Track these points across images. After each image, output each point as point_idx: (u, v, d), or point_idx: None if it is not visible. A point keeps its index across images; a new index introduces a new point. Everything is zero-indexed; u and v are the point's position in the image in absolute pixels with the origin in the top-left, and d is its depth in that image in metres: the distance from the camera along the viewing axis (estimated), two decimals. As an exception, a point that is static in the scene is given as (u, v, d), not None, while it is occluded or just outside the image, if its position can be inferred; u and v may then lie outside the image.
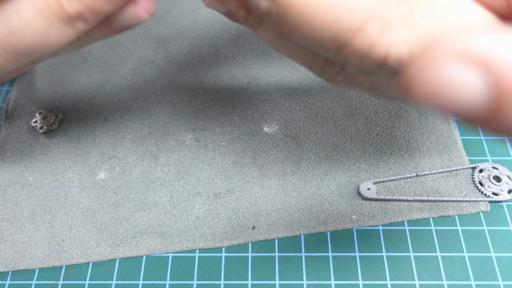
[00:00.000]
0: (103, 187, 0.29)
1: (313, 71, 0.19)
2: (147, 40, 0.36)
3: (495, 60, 0.10)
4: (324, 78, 0.19)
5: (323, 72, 0.18)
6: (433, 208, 0.27)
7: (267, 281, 0.25)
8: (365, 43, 0.14)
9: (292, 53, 0.18)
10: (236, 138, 0.30)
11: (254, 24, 0.18)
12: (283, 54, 0.19)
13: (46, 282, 0.26)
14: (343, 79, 0.18)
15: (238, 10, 0.18)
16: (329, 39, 0.14)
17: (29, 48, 0.17)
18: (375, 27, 0.14)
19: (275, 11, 0.15)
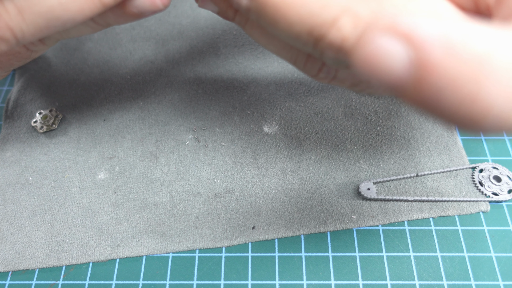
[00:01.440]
0: (103, 187, 0.29)
1: (297, 67, 0.20)
2: (147, 40, 0.36)
3: (418, 36, 0.11)
4: (308, 74, 0.20)
5: (306, 67, 0.19)
6: (433, 208, 0.27)
7: (267, 281, 0.25)
8: (338, 37, 0.14)
9: (276, 49, 0.19)
10: (236, 138, 0.30)
11: (241, 21, 0.19)
12: (269, 50, 0.20)
13: (46, 282, 0.26)
14: (326, 75, 0.19)
15: (227, 9, 0.19)
16: (305, 33, 0.15)
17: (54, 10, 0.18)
18: (347, 21, 0.14)
19: (254, 7, 0.16)
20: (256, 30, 0.19)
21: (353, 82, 0.20)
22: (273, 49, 0.20)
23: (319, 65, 0.19)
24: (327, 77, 0.20)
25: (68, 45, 0.36)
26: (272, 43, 0.19)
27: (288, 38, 0.16)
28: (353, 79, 0.20)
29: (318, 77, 0.20)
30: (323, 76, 0.20)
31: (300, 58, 0.19)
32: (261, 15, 0.16)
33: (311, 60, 0.19)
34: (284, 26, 0.15)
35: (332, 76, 0.20)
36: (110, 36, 0.37)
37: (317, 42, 0.15)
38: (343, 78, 0.20)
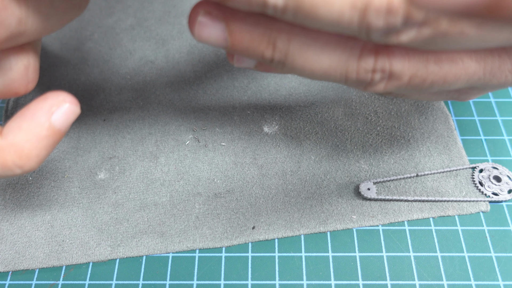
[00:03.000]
0: (103, 187, 0.29)
1: (350, 80, 0.18)
2: (147, 40, 0.36)
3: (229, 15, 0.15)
4: (363, 83, 0.18)
5: (359, 73, 0.18)
6: (433, 208, 0.27)
7: (267, 281, 0.25)
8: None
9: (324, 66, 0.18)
10: (236, 138, 0.30)
11: (281, 57, 0.18)
12: (316, 76, 0.19)
13: (46, 282, 0.26)
14: (381, 74, 0.18)
15: (263, 52, 0.18)
16: (349, 7, 0.14)
17: None
18: None
19: (290, 1, 0.15)
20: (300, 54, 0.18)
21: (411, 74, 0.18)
22: (321, 69, 0.18)
23: (371, 63, 0.18)
24: (383, 78, 0.18)
25: (68, 45, 0.36)
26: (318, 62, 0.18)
27: (332, 23, 0.15)
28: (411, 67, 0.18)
29: (374, 83, 0.18)
30: (378, 78, 0.18)
31: (351, 66, 0.18)
32: (299, 6, 0.15)
33: (362, 60, 0.18)
34: (325, 8, 0.15)
35: (387, 74, 0.18)
36: (110, 36, 0.37)
37: (363, 15, 0.15)
38: (399, 70, 0.18)
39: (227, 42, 0.17)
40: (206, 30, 0.17)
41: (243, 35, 0.17)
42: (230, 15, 0.17)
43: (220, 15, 0.17)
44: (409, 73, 0.18)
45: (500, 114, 0.32)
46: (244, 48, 0.18)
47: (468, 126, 0.31)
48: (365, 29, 0.15)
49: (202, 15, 0.17)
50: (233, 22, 0.17)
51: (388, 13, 0.14)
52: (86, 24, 0.38)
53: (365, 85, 0.19)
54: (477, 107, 0.32)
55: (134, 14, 0.38)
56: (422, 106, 0.31)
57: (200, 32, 0.17)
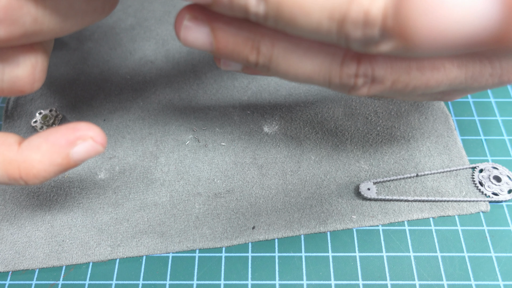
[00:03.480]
0: (103, 187, 0.29)
1: (333, 84, 0.19)
2: (147, 40, 0.36)
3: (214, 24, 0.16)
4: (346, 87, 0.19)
5: (342, 78, 0.18)
6: (433, 208, 0.27)
7: (267, 281, 0.25)
8: (360, 11, 0.14)
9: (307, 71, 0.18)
10: (236, 138, 0.30)
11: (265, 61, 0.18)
12: (300, 80, 0.19)
13: (46, 282, 0.26)
14: (364, 79, 0.18)
15: (247, 56, 0.18)
16: (326, 18, 0.15)
17: None
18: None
19: (271, 10, 0.15)
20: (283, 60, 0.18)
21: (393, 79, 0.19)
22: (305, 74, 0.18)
23: (354, 68, 0.18)
24: (366, 83, 0.18)
25: (68, 45, 0.36)
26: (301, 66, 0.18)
27: (311, 32, 0.15)
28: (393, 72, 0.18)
29: (357, 87, 0.19)
30: (361, 83, 0.18)
31: (334, 71, 0.18)
32: (279, 16, 0.15)
33: (345, 66, 0.18)
34: (303, 18, 0.15)
35: (370, 79, 0.18)
36: (110, 36, 0.37)
37: (341, 26, 0.15)
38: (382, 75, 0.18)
39: (212, 47, 0.18)
40: (191, 34, 0.18)
41: (227, 40, 0.17)
42: (215, 20, 0.17)
43: (205, 19, 0.17)
44: (392, 78, 0.18)
45: (500, 114, 0.32)
46: (229, 52, 0.18)
47: (468, 126, 0.31)
48: (344, 39, 0.15)
49: (188, 19, 0.17)
50: (218, 26, 0.17)
51: (365, 25, 0.14)
52: (86, 24, 0.37)
53: (348, 89, 0.19)
54: (477, 107, 0.32)
55: (134, 14, 0.38)
56: (422, 106, 0.31)
57: (185, 36, 0.18)
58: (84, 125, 0.20)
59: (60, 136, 0.19)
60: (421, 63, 0.18)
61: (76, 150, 0.19)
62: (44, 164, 0.19)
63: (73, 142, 0.19)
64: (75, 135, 0.19)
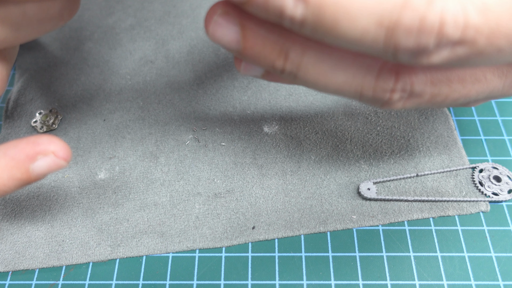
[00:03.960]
0: (103, 187, 0.29)
1: (365, 97, 0.17)
2: (147, 40, 0.36)
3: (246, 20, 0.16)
4: (379, 102, 0.17)
5: (376, 92, 0.17)
6: (433, 208, 0.27)
7: (267, 281, 0.25)
8: (414, 18, 0.13)
9: (338, 82, 0.17)
10: (236, 138, 0.30)
11: (293, 69, 0.17)
12: (329, 91, 0.18)
13: (46, 282, 0.26)
14: (401, 94, 0.17)
15: (274, 61, 0.17)
16: (375, 25, 0.13)
17: None
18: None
19: (311, 14, 0.14)
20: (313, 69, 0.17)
21: (433, 92, 0.17)
22: (335, 85, 0.17)
23: (391, 83, 0.17)
24: (402, 97, 0.17)
25: (68, 45, 0.36)
26: (332, 77, 0.17)
27: (352, 42, 0.14)
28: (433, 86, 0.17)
29: (392, 101, 0.17)
30: (397, 98, 0.17)
31: (368, 84, 0.17)
32: (319, 21, 0.14)
33: (381, 79, 0.17)
34: (348, 24, 0.13)
35: (408, 93, 0.17)
36: (110, 36, 0.37)
37: (390, 34, 0.13)
38: (421, 89, 0.17)
39: (239, 46, 0.17)
40: (220, 30, 0.17)
41: (256, 41, 0.16)
42: (246, 19, 0.16)
43: (236, 17, 0.16)
44: (431, 92, 0.17)
45: (500, 114, 0.32)
46: (255, 54, 0.17)
47: (468, 126, 0.31)
48: (392, 50, 0.14)
49: (219, 14, 0.17)
50: (248, 26, 0.16)
51: (420, 32, 0.13)
52: (86, 24, 0.38)
53: (381, 103, 0.18)
54: (477, 107, 0.32)
55: (134, 14, 0.38)
56: (422, 106, 0.31)
57: (214, 31, 0.17)
58: (45, 139, 0.19)
59: (19, 150, 0.19)
60: (462, 75, 0.17)
61: (36, 165, 0.19)
62: (3, 179, 0.18)
63: (33, 157, 0.19)
64: (35, 150, 0.19)
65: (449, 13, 0.13)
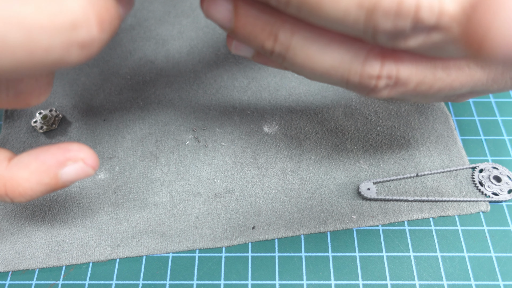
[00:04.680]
0: (103, 187, 0.29)
1: (351, 83, 0.18)
2: (147, 40, 0.36)
3: None
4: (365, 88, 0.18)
5: (363, 78, 0.17)
6: (433, 208, 0.27)
7: (267, 281, 0.25)
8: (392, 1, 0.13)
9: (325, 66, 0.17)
10: (236, 138, 0.30)
11: (282, 51, 0.17)
12: (316, 76, 0.18)
13: (46, 282, 0.26)
14: (386, 80, 0.17)
15: (264, 41, 0.17)
16: (355, 6, 0.14)
17: None
18: None
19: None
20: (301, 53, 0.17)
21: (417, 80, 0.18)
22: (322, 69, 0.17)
23: (377, 68, 0.17)
24: (388, 84, 0.17)
25: (68, 45, 0.36)
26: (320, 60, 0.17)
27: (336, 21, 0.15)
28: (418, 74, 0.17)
29: (378, 89, 0.18)
30: (383, 85, 0.17)
31: (354, 69, 0.17)
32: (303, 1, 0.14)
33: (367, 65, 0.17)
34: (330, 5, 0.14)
35: (393, 81, 0.17)
36: (110, 36, 0.37)
37: (370, 15, 0.14)
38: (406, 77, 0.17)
39: (231, 24, 0.17)
40: (214, 7, 0.17)
41: (247, 20, 0.17)
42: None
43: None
44: (416, 79, 0.18)
45: (500, 114, 0.32)
46: (246, 34, 0.17)
47: (468, 126, 0.31)
48: (371, 31, 0.15)
49: None
50: (241, 5, 0.17)
51: (397, 15, 0.14)
52: (86, 24, 0.37)
53: (367, 91, 0.18)
54: (477, 107, 0.32)
55: (134, 14, 0.38)
56: (422, 106, 0.31)
57: (208, 7, 0.17)
58: (76, 146, 0.19)
59: (51, 155, 0.18)
60: (446, 63, 0.18)
61: (65, 171, 0.19)
62: (31, 183, 0.18)
63: (63, 163, 0.18)
64: (65, 156, 0.19)
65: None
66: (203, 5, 0.17)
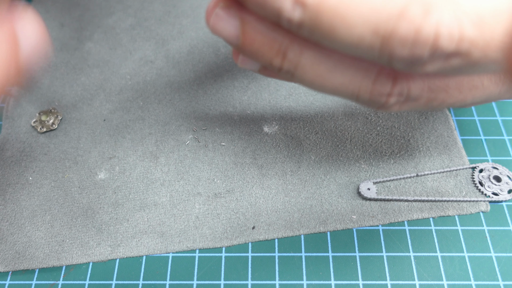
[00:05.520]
0: (103, 187, 0.29)
1: (361, 99, 0.17)
2: (147, 40, 0.36)
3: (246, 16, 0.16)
4: (375, 104, 0.18)
5: (373, 95, 0.17)
6: (433, 208, 0.27)
7: (267, 281, 0.25)
8: (410, 29, 0.13)
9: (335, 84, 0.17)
10: (236, 138, 0.30)
11: (290, 68, 0.17)
12: (326, 91, 0.18)
13: (46, 282, 0.26)
14: (397, 98, 0.17)
15: (272, 59, 0.17)
16: (370, 33, 0.13)
17: None
18: (417, 10, 0.13)
19: (308, 18, 0.14)
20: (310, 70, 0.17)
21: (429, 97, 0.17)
22: (332, 86, 0.17)
23: (388, 87, 0.17)
24: (399, 101, 0.17)
25: (68, 45, 0.36)
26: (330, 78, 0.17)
27: (349, 46, 0.14)
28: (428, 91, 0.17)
29: (388, 105, 0.17)
30: (393, 101, 0.17)
31: (365, 86, 0.17)
32: (316, 25, 0.14)
33: (378, 83, 0.17)
34: (344, 31, 0.14)
35: (404, 98, 0.17)
36: (110, 36, 0.37)
37: (385, 42, 0.13)
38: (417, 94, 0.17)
39: (238, 41, 0.17)
40: (221, 23, 0.17)
41: (255, 37, 0.17)
42: (247, 14, 0.16)
43: (237, 12, 0.17)
44: (428, 97, 0.17)
45: (500, 114, 0.32)
46: (254, 50, 0.17)
47: (468, 126, 0.31)
48: (387, 58, 0.14)
49: (220, 7, 0.17)
50: (248, 21, 0.16)
51: (414, 43, 0.13)
52: (86, 24, 0.38)
53: (377, 107, 0.18)
54: (477, 107, 0.32)
55: (134, 14, 0.38)
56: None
57: (214, 24, 0.17)
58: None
59: None
60: (460, 82, 0.17)
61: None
62: None
63: None
64: None
65: (444, 26, 0.13)
66: (210, 21, 0.17)
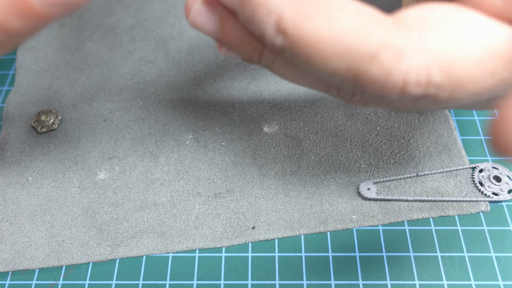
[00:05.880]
0: (103, 187, 0.29)
1: (330, 94, 0.19)
2: (147, 40, 0.36)
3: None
4: (342, 99, 0.19)
5: (340, 94, 0.18)
6: (433, 208, 0.27)
7: (267, 281, 0.25)
8: (380, 72, 0.14)
9: (307, 83, 0.19)
10: (236, 138, 0.30)
11: (268, 63, 0.18)
12: (298, 85, 0.19)
13: (46, 282, 0.26)
14: (360, 98, 0.18)
15: (251, 54, 0.18)
16: (344, 69, 0.14)
17: None
18: (389, 55, 0.14)
19: (288, 46, 0.15)
20: (285, 69, 0.18)
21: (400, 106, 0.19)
22: (303, 84, 0.19)
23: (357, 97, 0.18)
24: (361, 100, 0.19)
25: (68, 45, 0.36)
26: (302, 79, 0.18)
27: (323, 75, 0.15)
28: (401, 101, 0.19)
29: (353, 101, 0.19)
30: (357, 100, 0.19)
31: (334, 87, 0.18)
32: (295, 54, 0.15)
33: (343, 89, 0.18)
34: (320, 63, 0.14)
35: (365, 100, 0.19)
36: (110, 36, 0.37)
37: (357, 79, 0.14)
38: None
39: (218, 35, 0.18)
40: (200, 18, 0.17)
41: (234, 34, 0.17)
42: (225, 13, 0.17)
43: (216, 8, 0.17)
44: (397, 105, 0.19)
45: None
46: (233, 45, 0.18)
47: (468, 126, 0.31)
48: (359, 90, 0.15)
49: (199, 3, 0.17)
50: (227, 19, 0.17)
51: (384, 86, 0.14)
52: (86, 24, 0.38)
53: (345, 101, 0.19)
54: (477, 107, 0.32)
55: (134, 14, 0.38)
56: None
57: (194, 19, 0.17)
58: None
59: None
60: None
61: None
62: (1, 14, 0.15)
63: None
64: None
65: (413, 72, 0.14)
66: (189, 16, 0.17)
